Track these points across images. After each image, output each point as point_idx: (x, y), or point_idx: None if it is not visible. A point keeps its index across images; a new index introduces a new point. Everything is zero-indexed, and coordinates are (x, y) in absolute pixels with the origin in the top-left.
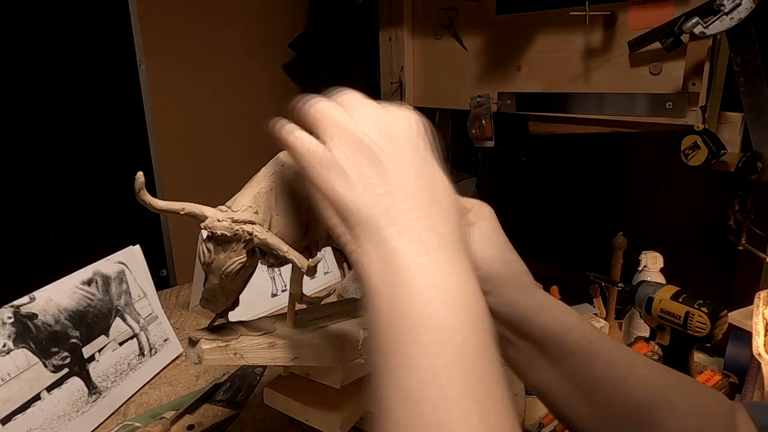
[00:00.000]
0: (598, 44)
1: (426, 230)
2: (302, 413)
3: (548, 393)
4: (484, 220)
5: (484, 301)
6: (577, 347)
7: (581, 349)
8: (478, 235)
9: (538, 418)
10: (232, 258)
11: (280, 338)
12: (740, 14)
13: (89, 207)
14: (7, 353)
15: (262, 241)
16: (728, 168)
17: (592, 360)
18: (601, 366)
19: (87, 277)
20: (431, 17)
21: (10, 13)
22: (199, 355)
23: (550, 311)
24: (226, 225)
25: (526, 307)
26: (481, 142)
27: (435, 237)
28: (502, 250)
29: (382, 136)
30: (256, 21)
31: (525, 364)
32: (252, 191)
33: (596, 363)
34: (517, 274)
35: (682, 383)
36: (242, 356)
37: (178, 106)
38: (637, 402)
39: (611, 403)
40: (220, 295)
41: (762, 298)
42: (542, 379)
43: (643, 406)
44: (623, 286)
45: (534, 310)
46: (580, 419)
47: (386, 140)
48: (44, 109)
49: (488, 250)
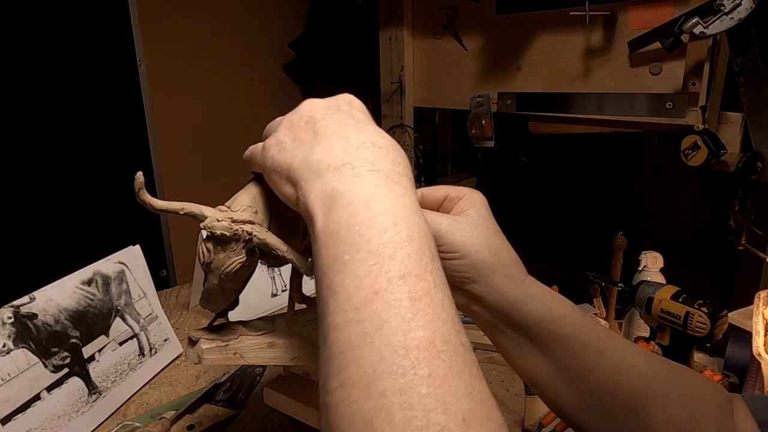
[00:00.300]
0: (598, 44)
1: (363, 165)
2: (302, 413)
3: (538, 381)
4: (473, 208)
5: (423, 220)
6: (567, 336)
7: (571, 337)
8: (465, 223)
9: (538, 418)
10: (232, 258)
11: (279, 338)
12: (740, 14)
13: (89, 207)
14: (7, 353)
15: (262, 241)
16: (728, 168)
17: (582, 349)
18: (591, 355)
19: (87, 277)
20: (431, 17)
21: (10, 13)
22: (198, 354)
23: (540, 299)
24: (225, 225)
25: (514, 295)
26: (481, 142)
27: (373, 171)
28: (490, 238)
29: (318, 112)
30: (256, 21)
31: (514, 352)
32: (252, 191)
33: (586, 352)
34: (505, 263)
35: (675, 373)
36: (242, 356)
37: (178, 106)
38: (628, 392)
39: (601, 392)
40: (220, 295)
41: (762, 298)
42: (531, 367)
43: (634, 396)
44: (623, 286)
45: (522, 298)
46: (569, 408)
47: (322, 114)
48: (44, 109)
49: (476, 237)
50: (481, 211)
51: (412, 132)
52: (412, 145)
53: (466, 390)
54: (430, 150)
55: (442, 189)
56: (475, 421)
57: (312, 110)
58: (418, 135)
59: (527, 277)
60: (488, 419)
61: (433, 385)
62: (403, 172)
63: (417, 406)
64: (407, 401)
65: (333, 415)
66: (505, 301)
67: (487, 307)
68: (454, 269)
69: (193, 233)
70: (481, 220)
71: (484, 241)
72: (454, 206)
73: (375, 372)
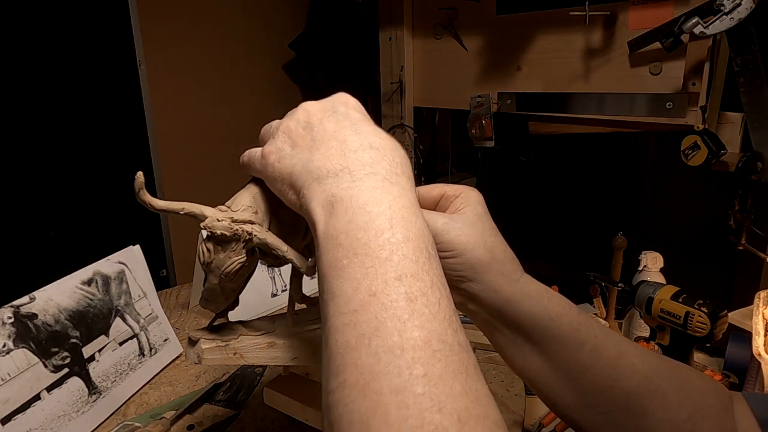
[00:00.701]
0: (598, 44)
1: (360, 169)
2: (302, 413)
3: (535, 379)
4: (469, 206)
5: (421, 219)
6: (563, 334)
7: (567, 336)
8: (461, 221)
9: (538, 418)
10: (232, 258)
11: (279, 338)
12: (740, 14)
13: (89, 207)
14: (7, 353)
15: (262, 240)
16: (728, 168)
17: (579, 347)
18: (588, 353)
19: (87, 277)
20: (431, 17)
21: (10, 13)
22: (198, 354)
23: (536, 297)
24: (225, 225)
25: (510, 294)
26: (481, 142)
27: (371, 174)
28: (486, 236)
29: (315, 116)
30: (256, 21)
31: (511, 350)
32: (252, 191)
33: (582, 350)
34: (501, 261)
35: (674, 372)
36: (242, 356)
37: (178, 106)
38: (626, 390)
39: (598, 390)
40: (220, 295)
41: (762, 298)
42: (528, 366)
43: (632, 395)
44: (623, 286)
45: (518, 297)
46: (567, 406)
47: (319, 117)
48: (44, 109)
49: (471, 236)
50: (477, 208)
51: (412, 132)
52: (412, 145)
53: (462, 389)
54: (430, 150)
55: (438, 187)
56: (470, 420)
57: (309, 114)
58: (418, 135)
59: (523, 275)
60: (485, 417)
61: (429, 385)
62: (402, 171)
63: (412, 405)
64: (403, 401)
65: (333, 415)
66: (501, 300)
67: (483, 306)
68: (450, 268)
69: (193, 233)
70: (477, 218)
71: (479, 239)
72: (450, 204)
73: (372, 372)
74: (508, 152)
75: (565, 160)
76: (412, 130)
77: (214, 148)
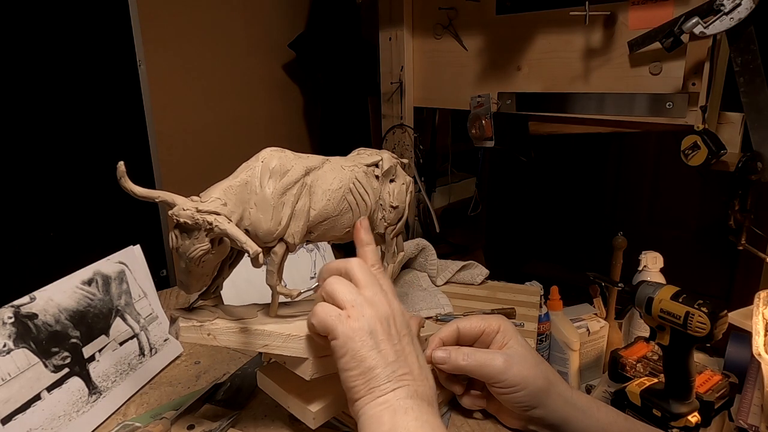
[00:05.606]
0: (598, 44)
1: (410, 397)
2: (285, 400)
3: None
4: (512, 339)
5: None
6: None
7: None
8: (516, 357)
9: None
10: (195, 245)
11: (254, 325)
12: (740, 14)
13: (89, 207)
14: (8, 353)
15: (223, 231)
16: (728, 168)
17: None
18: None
19: (87, 277)
20: (431, 17)
21: (9, 13)
22: (176, 331)
23: (588, 411)
24: (188, 214)
25: (567, 413)
26: (481, 142)
27: (417, 399)
28: (539, 365)
29: (391, 321)
30: (256, 21)
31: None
32: (225, 184)
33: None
34: (555, 384)
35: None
36: (215, 337)
37: (178, 106)
38: None
39: None
40: (191, 278)
41: (762, 298)
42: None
43: None
44: (623, 286)
45: (574, 413)
46: None
47: (392, 319)
48: (44, 109)
49: (529, 369)
50: (519, 340)
51: (412, 132)
52: (412, 145)
53: None
54: (430, 150)
55: (476, 323)
56: None
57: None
58: (418, 135)
59: (573, 391)
60: None
61: None
62: (432, 396)
63: None
64: None
65: None
66: (559, 418)
67: (544, 425)
68: (516, 401)
69: None
70: (525, 350)
71: (536, 370)
72: (492, 341)
73: None
74: (508, 152)
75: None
76: (412, 130)
77: (214, 148)
